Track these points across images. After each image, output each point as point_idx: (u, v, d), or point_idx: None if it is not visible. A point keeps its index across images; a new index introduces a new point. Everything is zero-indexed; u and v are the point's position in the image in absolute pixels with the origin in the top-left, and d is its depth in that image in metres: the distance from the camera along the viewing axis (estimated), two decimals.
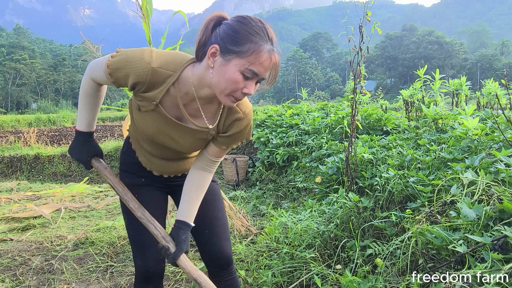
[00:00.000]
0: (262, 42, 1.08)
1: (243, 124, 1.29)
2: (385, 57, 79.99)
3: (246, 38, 1.07)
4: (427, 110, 3.52)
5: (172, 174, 1.47)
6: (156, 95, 1.21)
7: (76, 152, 1.41)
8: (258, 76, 1.11)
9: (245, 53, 1.07)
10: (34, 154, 7.95)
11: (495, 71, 64.06)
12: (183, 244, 1.25)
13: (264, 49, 1.08)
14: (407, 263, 1.71)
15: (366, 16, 2.68)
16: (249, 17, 1.12)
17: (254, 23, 1.09)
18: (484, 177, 1.81)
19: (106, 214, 4.24)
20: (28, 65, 58.67)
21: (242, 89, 1.11)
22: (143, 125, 1.29)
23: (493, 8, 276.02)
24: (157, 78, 1.18)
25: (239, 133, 1.30)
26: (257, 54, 1.07)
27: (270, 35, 1.10)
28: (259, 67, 1.09)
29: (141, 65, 1.15)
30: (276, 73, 1.16)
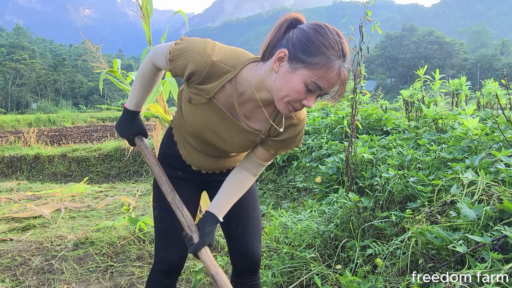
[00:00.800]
0: (334, 57, 1.01)
1: (296, 131, 1.26)
2: (385, 57, 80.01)
3: (319, 50, 1.01)
4: (427, 110, 3.52)
5: (211, 170, 1.45)
6: (210, 89, 1.18)
7: (122, 129, 1.42)
8: (322, 90, 1.06)
9: (314, 65, 1.01)
10: (34, 154, 7.95)
11: (495, 71, 64.08)
12: (206, 237, 1.21)
13: (334, 64, 1.01)
14: (407, 263, 1.71)
15: (366, 16, 2.68)
16: (327, 28, 1.04)
17: (331, 35, 1.02)
18: (484, 177, 1.81)
19: (106, 214, 4.24)
20: (28, 65, 58.70)
21: (302, 100, 1.07)
22: (191, 118, 1.26)
23: (493, 8, 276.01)
24: (214, 72, 1.15)
25: (290, 139, 1.27)
26: (326, 69, 1.01)
27: (344, 50, 1.03)
28: (325, 82, 1.03)
29: (202, 56, 1.13)
30: (343, 91, 1.10)
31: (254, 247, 1.46)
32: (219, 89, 1.18)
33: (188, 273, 2.49)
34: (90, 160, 7.66)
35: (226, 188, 1.32)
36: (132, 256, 2.86)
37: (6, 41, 76.38)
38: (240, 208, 1.43)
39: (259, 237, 1.49)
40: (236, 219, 1.45)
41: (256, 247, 1.46)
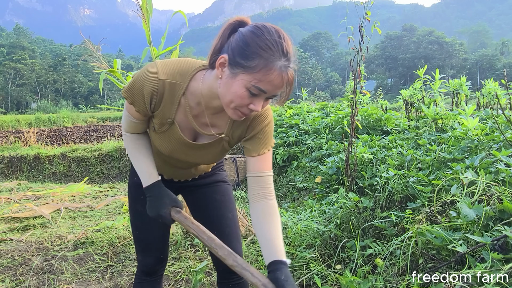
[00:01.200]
0: (273, 58, 0.97)
1: (263, 122, 1.21)
2: (385, 57, 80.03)
3: (256, 53, 0.98)
4: (427, 110, 3.52)
5: (183, 178, 1.47)
6: (170, 111, 1.18)
7: (152, 210, 1.27)
8: (266, 93, 1.02)
9: (253, 69, 0.98)
10: (34, 154, 7.95)
11: (495, 71, 64.10)
12: (287, 286, 1.03)
13: (274, 66, 0.97)
14: (407, 263, 1.71)
15: (366, 16, 2.68)
16: (265, 28, 1.00)
17: (269, 35, 0.98)
18: (484, 177, 1.81)
19: (106, 214, 4.24)
20: (28, 65, 58.70)
21: (249, 105, 1.04)
22: (159, 144, 1.27)
23: (493, 8, 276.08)
24: (167, 90, 1.14)
25: (261, 132, 1.21)
26: (266, 71, 0.98)
27: (285, 49, 0.99)
28: (267, 85, 1.00)
29: (150, 80, 1.12)
30: (290, 91, 1.06)
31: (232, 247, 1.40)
32: (178, 108, 1.17)
33: (188, 273, 2.49)
34: (90, 160, 7.66)
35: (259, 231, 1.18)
36: (132, 256, 2.86)
37: (6, 41, 76.37)
38: (214, 211, 1.43)
39: (237, 237, 1.48)
40: (211, 222, 1.43)
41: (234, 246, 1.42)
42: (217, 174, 1.50)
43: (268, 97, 1.06)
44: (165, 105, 1.17)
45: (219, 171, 1.52)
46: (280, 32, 1.00)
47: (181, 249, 2.89)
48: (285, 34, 1.01)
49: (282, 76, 0.99)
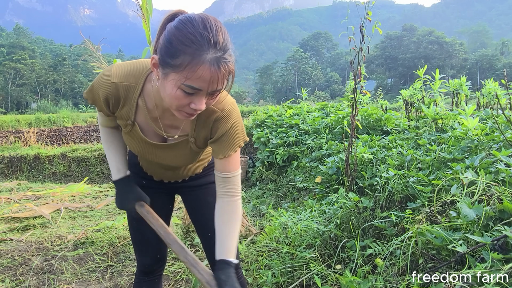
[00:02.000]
0: (199, 52, 0.89)
1: (226, 123, 1.14)
2: (385, 57, 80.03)
3: (180, 49, 0.90)
4: (427, 110, 3.52)
5: (172, 179, 1.46)
6: (129, 114, 1.17)
7: (118, 203, 1.33)
8: (202, 90, 0.94)
9: (179, 67, 0.91)
10: (34, 154, 7.95)
11: (495, 71, 64.10)
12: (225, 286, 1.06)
13: (202, 60, 0.89)
14: (407, 263, 1.71)
15: (366, 16, 2.68)
16: (189, 21, 0.92)
17: (192, 28, 0.90)
18: (484, 177, 1.81)
19: (106, 214, 4.24)
20: (28, 65, 58.69)
21: (189, 104, 0.97)
22: (128, 145, 1.28)
23: (493, 8, 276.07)
24: (121, 93, 1.13)
25: (226, 135, 1.16)
26: (194, 67, 0.90)
27: (213, 40, 0.90)
28: (200, 81, 0.92)
29: (103, 84, 1.13)
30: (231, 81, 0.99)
31: None
32: (137, 110, 1.17)
33: (188, 273, 2.49)
34: (90, 160, 7.66)
35: (216, 227, 1.20)
36: (132, 256, 2.86)
37: (6, 41, 76.35)
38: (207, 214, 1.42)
39: None
40: (205, 225, 1.44)
41: None
42: (210, 175, 1.47)
43: (211, 93, 0.97)
44: (124, 107, 1.16)
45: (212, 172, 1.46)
46: (207, 21, 0.92)
47: None
48: (215, 23, 0.93)
49: (213, 69, 0.91)
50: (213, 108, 1.13)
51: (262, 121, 6.20)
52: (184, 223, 3.14)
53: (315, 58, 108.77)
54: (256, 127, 6.18)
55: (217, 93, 0.99)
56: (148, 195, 1.45)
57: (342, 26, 2.88)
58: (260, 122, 6.22)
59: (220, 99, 1.13)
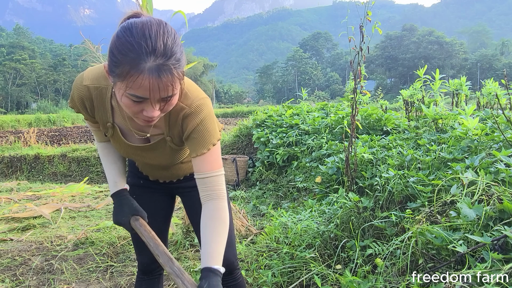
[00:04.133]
0: (137, 61, 0.87)
1: (195, 119, 1.11)
2: (385, 57, 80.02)
3: (119, 59, 0.89)
4: (427, 110, 3.51)
5: (167, 179, 1.46)
6: (106, 115, 1.18)
7: (114, 217, 1.31)
8: (148, 98, 0.92)
9: (121, 76, 0.89)
10: (34, 154, 7.95)
11: (495, 71, 64.11)
12: None
13: (141, 69, 0.87)
14: (407, 263, 1.71)
15: (366, 16, 2.68)
16: (127, 28, 0.90)
17: (130, 37, 0.88)
18: (484, 177, 1.81)
19: (106, 214, 4.24)
20: (28, 65, 58.67)
21: (142, 111, 0.96)
22: (116, 149, 1.29)
23: (493, 8, 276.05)
24: (93, 95, 1.14)
25: (196, 131, 1.12)
26: (133, 77, 0.88)
27: (152, 46, 0.87)
28: (142, 90, 0.89)
29: (77, 87, 1.15)
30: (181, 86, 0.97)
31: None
32: (112, 112, 1.18)
33: (188, 273, 2.49)
34: (90, 160, 7.65)
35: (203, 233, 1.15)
36: (132, 256, 2.86)
37: (6, 41, 76.35)
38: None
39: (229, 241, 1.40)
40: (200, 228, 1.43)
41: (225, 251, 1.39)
42: None
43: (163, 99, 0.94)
44: (99, 109, 1.17)
45: None
46: (148, 28, 0.89)
47: (181, 249, 2.89)
48: (156, 29, 0.89)
49: (153, 78, 0.88)
50: (181, 105, 1.11)
51: (262, 121, 6.20)
52: (184, 223, 3.14)
53: (315, 58, 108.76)
54: (256, 127, 6.18)
55: (170, 99, 0.96)
56: (147, 195, 1.46)
57: (342, 26, 2.88)
58: (260, 122, 6.22)
59: (188, 95, 1.12)
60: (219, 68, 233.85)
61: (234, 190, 5.16)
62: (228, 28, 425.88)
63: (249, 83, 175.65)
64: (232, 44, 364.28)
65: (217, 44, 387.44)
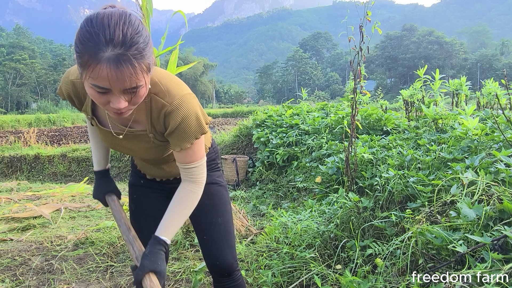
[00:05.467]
0: (95, 51, 0.87)
1: (177, 117, 1.10)
2: (385, 57, 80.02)
3: (80, 48, 0.89)
4: (427, 110, 3.51)
5: (164, 178, 1.46)
6: (86, 108, 1.23)
7: (94, 192, 1.45)
8: (110, 89, 0.91)
9: (83, 66, 0.90)
10: (34, 154, 7.95)
11: (495, 71, 64.13)
12: (145, 261, 1.09)
13: (98, 59, 0.87)
14: (407, 263, 1.71)
15: (366, 16, 2.68)
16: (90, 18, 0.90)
17: (90, 27, 0.88)
18: (484, 177, 1.81)
19: (106, 214, 4.24)
20: (28, 65, 58.67)
21: (109, 103, 0.95)
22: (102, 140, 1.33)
23: (493, 8, 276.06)
24: (79, 90, 1.19)
25: (179, 128, 1.12)
26: (92, 67, 0.88)
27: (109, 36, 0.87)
28: (102, 80, 0.89)
29: (64, 81, 1.21)
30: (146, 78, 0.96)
31: (222, 254, 1.41)
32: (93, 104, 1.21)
33: (188, 273, 2.49)
34: (90, 160, 7.65)
35: (169, 205, 1.22)
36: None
37: (6, 41, 76.31)
38: (203, 215, 1.41)
39: (228, 242, 1.44)
40: (200, 227, 1.44)
41: (224, 254, 1.41)
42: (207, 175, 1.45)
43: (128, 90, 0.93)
44: (84, 102, 1.23)
45: (208, 172, 1.41)
46: (108, 17, 0.89)
47: (181, 249, 2.89)
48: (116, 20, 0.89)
49: (111, 68, 0.87)
50: (162, 101, 1.11)
51: (262, 121, 6.20)
52: (184, 223, 3.14)
53: (315, 58, 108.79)
54: (256, 127, 6.18)
55: (136, 90, 0.95)
56: (146, 195, 1.48)
57: (342, 26, 2.88)
58: (260, 122, 6.22)
59: (170, 91, 1.11)
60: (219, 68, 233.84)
61: (234, 190, 5.16)
62: (228, 28, 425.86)
63: (249, 83, 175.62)
64: (232, 44, 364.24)
65: (217, 44, 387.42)
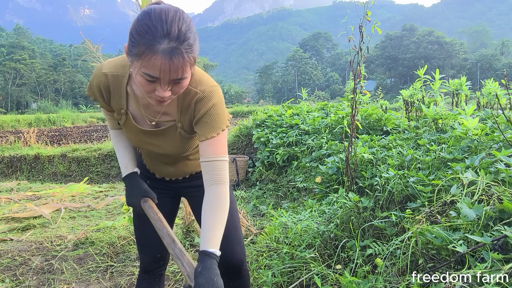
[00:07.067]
0: (152, 42, 0.94)
1: (207, 104, 1.17)
2: (385, 57, 80.00)
3: (137, 39, 0.96)
4: (427, 110, 3.51)
5: (173, 177, 1.48)
6: (121, 102, 1.25)
7: (127, 199, 1.38)
8: (160, 78, 0.99)
9: (138, 56, 0.97)
10: (34, 154, 7.95)
11: (495, 71, 64.11)
12: (200, 278, 1.05)
13: (155, 50, 0.94)
14: (407, 263, 1.71)
15: (366, 16, 2.68)
16: (147, 12, 0.97)
17: (148, 20, 0.95)
18: (484, 177, 1.81)
19: (106, 214, 4.24)
20: (28, 65, 58.66)
21: (154, 91, 1.03)
22: (128, 138, 1.36)
23: (493, 8, 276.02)
24: (111, 82, 1.22)
25: (207, 115, 1.17)
26: (148, 57, 0.95)
27: (167, 30, 0.94)
28: (154, 70, 0.97)
29: (96, 75, 1.23)
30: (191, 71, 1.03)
31: (232, 251, 1.44)
32: (128, 98, 1.24)
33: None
34: (90, 160, 7.66)
35: (203, 217, 1.19)
36: (132, 256, 2.86)
37: (6, 41, 76.31)
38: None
39: (236, 239, 1.47)
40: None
41: (234, 250, 1.44)
42: None
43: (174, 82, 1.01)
44: (115, 96, 1.25)
45: None
46: (165, 13, 0.96)
47: None
48: (173, 15, 0.96)
49: (165, 59, 0.95)
50: (194, 90, 1.17)
51: (262, 121, 6.20)
52: (184, 223, 3.14)
53: (315, 58, 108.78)
54: (256, 127, 6.18)
55: (181, 81, 1.02)
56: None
57: (342, 26, 2.88)
58: (260, 122, 6.22)
59: (202, 81, 1.19)
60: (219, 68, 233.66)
61: (234, 190, 5.16)
62: (228, 28, 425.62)
63: (249, 83, 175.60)
64: (232, 44, 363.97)
65: (217, 44, 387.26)
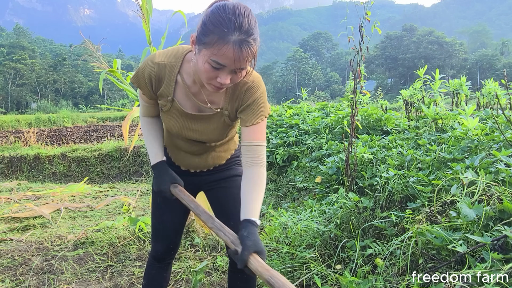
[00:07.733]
0: (226, 33, 1.06)
1: (256, 92, 1.30)
2: (385, 57, 80.00)
3: (210, 29, 1.08)
4: (427, 110, 3.51)
5: (198, 169, 1.55)
6: (169, 90, 1.33)
7: (155, 185, 1.46)
8: (226, 66, 1.11)
9: (209, 44, 1.09)
10: (34, 154, 7.94)
11: (495, 71, 64.09)
12: (247, 241, 1.13)
13: (227, 40, 1.06)
14: (407, 263, 1.71)
15: (366, 16, 2.68)
16: (221, 6, 1.09)
17: (223, 13, 1.07)
18: (484, 177, 1.81)
19: (106, 214, 4.24)
20: (28, 65, 58.67)
21: (216, 78, 1.14)
22: (169, 124, 1.41)
23: (493, 8, 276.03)
24: (162, 71, 1.31)
25: (255, 103, 1.31)
26: (220, 45, 1.07)
27: (239, 24, 1.06)
28: (224, 58, 1.08)
29: (148, 64, 1.31)
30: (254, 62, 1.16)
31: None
32: (176, 86, 1.33)
33: (188, 273, 2.49)
34: (90, 160, 7.65)
35: (243, 192, 1.30)
36: (132, 256, 2.86)
37: (6, 41, 76.30)
38: (232, 204, 1.51)
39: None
40: (227, 213, 1.53)
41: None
42: (234, 168, 1.59)
43: (235, 70, 1.14)
44: (164, 84, 1.33)
45: (235, 166, 1.59)
46: (237, 8, 1.08)
47: (181, 249, 2.89)
48: (244, 11, 1.08)
49: (236, 49, 1.07)
50: (244, 80, 1.28)
51: None
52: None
53: (315, 58, 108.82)
54: None
55: (241, 71, 1.15)
56: None
57: (342, 26, 2.88)
58: None
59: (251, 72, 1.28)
60: None
61: None
62: None
63: None
64: None
65: None
